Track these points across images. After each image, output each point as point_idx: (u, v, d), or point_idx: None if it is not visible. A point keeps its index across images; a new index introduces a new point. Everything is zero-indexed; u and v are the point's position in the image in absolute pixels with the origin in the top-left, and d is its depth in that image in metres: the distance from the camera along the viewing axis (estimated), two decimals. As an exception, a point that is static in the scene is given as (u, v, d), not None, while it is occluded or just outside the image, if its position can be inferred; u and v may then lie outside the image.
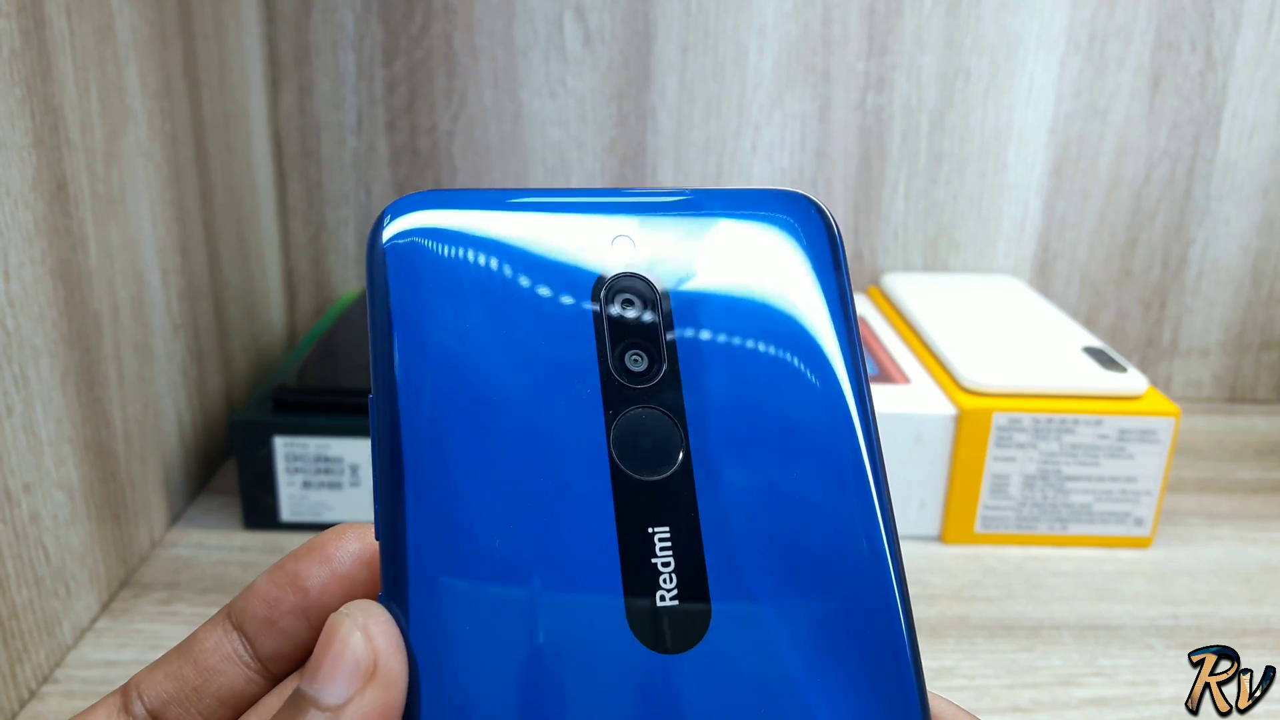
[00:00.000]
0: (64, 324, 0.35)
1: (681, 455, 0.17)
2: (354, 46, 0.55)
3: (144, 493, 0.41)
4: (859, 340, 0.18)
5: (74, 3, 0.35)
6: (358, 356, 0.47)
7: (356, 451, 0.43)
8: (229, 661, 0.19)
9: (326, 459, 0.43)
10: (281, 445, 0.43)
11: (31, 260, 0.32)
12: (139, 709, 0.19)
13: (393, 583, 0.16)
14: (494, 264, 0.17)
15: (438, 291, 0.17)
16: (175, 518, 0.45)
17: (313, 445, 0.43)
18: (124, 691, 0.19)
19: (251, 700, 0.19)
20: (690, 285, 0.18)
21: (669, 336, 0.17)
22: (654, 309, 0.18)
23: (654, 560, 0.16)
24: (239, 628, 0.19)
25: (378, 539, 0.16)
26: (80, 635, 0.36)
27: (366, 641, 0.15)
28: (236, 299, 0.51)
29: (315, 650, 0.16)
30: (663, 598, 0.16)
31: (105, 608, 0.38)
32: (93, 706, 0.19)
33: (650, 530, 0.16)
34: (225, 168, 0.49)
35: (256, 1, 0.53)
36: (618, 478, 0.16)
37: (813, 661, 0.16)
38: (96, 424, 0.37)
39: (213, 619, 0.20)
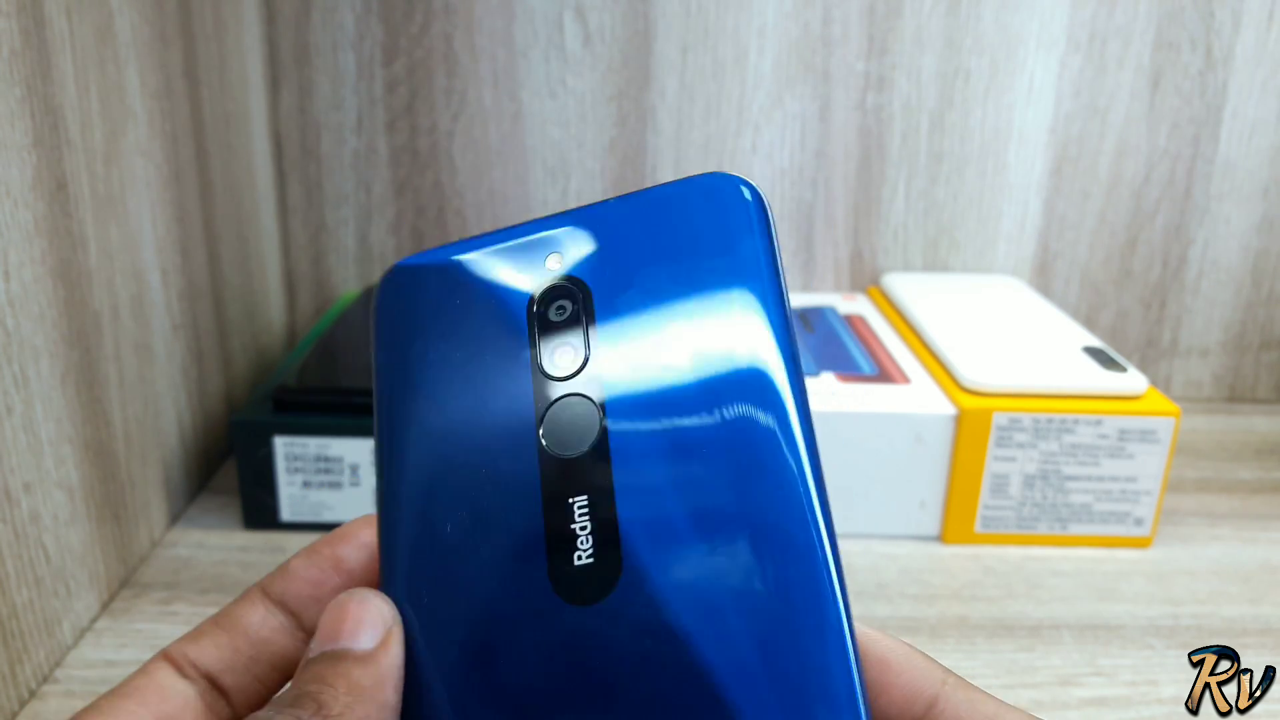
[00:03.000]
0: (64, 324, 0.35)
1: (598, 433, 0.19)
2: (354, 46, 0.55)
3: (144, 493, 0.41)
4: (788, 311, 0.19)
5: (74, 3, 0.35)
6: (358, 356, 0.47)
7: (356, 451, 0.43)
8: (280, 633, 0.20)
9: (326, 459, 0.43)
10: (281, 445, 0.43)
11: (31, 260, 0.32)
12: (193, 674, 0.20)
13: (383, 574, 0.19)
14: (451, 304, 0.21)
15: (409, 337, 0.21)
16: (175, 518, 0.45)
17: (313, 445, 0.43)
18: (167, 658, 0.20)
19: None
20: (611, 280, 0.20)
21: (591, 331, 0.20)
22: (578, 309, 0.20)
23: (573, 525, 0.18)
24: (281, 606, 0.20)
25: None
26: (80, 635, 0.36)
27: (382, 604, 0.18)
28: (236, 299, 0.51)
29: (328, 621, 0.18)
30: (579, 557, 0.18)
31: (105, 607, 0.38)
32: (141, 671, 0.20)
33: (570, 500, 0.18)
34: (225, 168, 0.49)
35: (256, 1, 0.53)
36: (544, 459, 0.19)
37: (712, 615, 0.17)
38: (96, 424, 0.37)
39: (245, 599, 0.21)
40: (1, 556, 0.31)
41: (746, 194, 0.20)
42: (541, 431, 0.19)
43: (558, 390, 0.19)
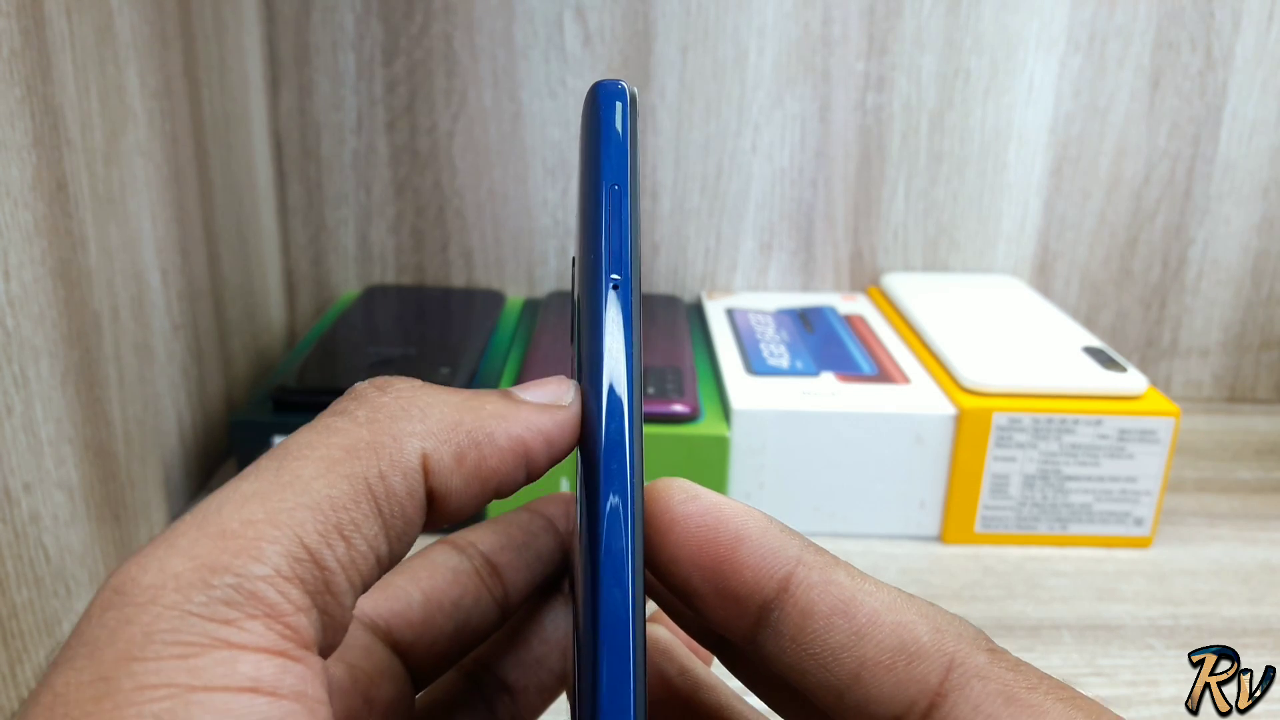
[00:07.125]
0: (64, 324, 0.35)
1: None
2: (354, 46, 0.55)
3: (144, 493, 0.41)
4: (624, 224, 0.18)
5: (74, 3, 0.35)
6: (358, 357, 0.47)
7: (356, 451, 0.43)
8: (546, 531, 0.22)
9: (326, 459, 0.43)
10: (281, 445, 0.43)
11: (31, 260, 0.32)
12: (471, 551, 0.21)
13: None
14: None
15: None
16: (175, 518, 0.45)
17: (313, 445, 0.43)
18: (448, 540, 0.22)
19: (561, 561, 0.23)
20: None
21: None
22: None
23: None
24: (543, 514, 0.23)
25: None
26: (80, 635, 0.36)
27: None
28: (236, 299, 0.51)
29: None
30: None
31: (105, 608, 0.38)
32: (419, 551, 0.21)
33: None
34: (225, 168, 0.49)
35: (256, 1, 0.53)
36: None
37: None
38: (96, 424, 0.37)
39: (516, 511, 0.23)
40: (1, 556, 0.31)
41: (593, 103, 0.19)
42: None
43: None
